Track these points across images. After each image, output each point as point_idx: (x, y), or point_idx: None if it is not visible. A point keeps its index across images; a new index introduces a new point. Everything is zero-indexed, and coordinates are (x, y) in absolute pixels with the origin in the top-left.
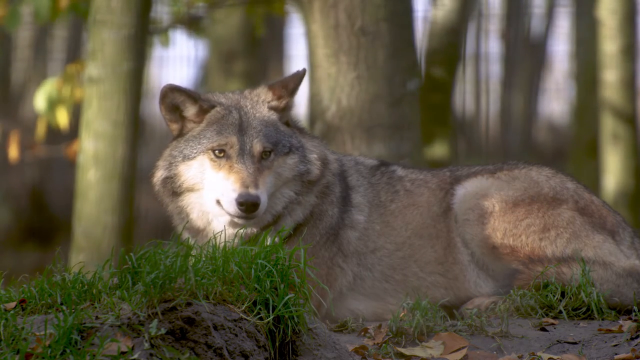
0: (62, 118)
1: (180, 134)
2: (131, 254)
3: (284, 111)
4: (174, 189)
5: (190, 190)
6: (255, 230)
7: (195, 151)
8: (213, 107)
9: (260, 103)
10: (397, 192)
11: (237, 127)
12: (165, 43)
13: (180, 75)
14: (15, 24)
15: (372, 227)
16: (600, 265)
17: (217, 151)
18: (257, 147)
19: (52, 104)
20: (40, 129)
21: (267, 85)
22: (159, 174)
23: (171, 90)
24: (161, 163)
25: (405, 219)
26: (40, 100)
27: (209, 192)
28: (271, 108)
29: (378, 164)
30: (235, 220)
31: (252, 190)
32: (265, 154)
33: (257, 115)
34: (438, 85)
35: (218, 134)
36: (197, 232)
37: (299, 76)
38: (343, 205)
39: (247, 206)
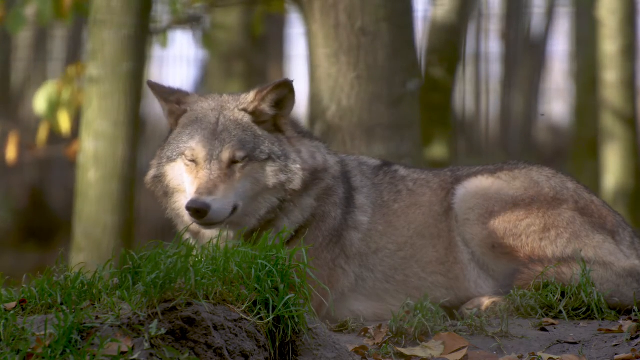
0: (64, 122)
1: (170, 133)
2: (132, 253)
3: (254, 115)
4: (164, 188)
5: (178, 190)
6: (232, 234)
7: (175, 154)
8: (185, 111)
9: (242, 107)
10: (399, 192)
11: (210, 131)
12: (164, 43)
13: (180, 75)
14: (19, 27)
15: (375, 227)
16: (601, 265)
17: (188, 156)
18: (226, 153)
19: (53, 107)
20: (42, 134)
21: (255, 89)
22: (151, 173)
23: (149, 86)
24: (154, 162)
25: (408, 219)
26: (40, 102)
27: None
28: (244, 110)
29: (381, 164)
30: (196, 225)
31: (203, 197)
32: (237, 159)
33: (233, 119)
34: (438, 85)
35: (191, 138)
36: (195, 233)
37: (275, 84)
38: (346, 206)
39: (193, 212)
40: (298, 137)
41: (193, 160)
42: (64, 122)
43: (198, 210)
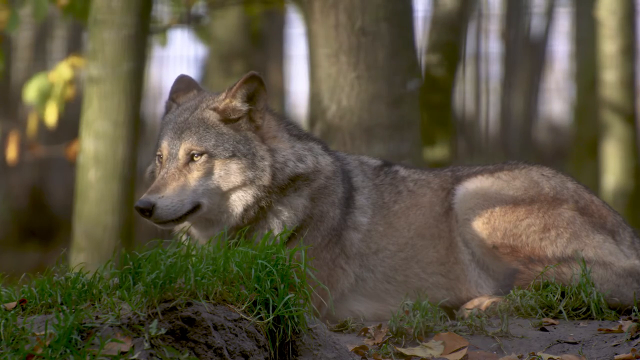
0: (51, 114)
1: None
2: (134, 252)
3: (223, 113)
4: None
5: None
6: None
7: (156, 151)
8: (170, 108)
9: (212, 106)
10: (400, 192)
11: (175, 130)
12: (163, 42)
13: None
14: (14, 26)
15: (375, 228)
16: (600, 265)
17: (158, 156)
18: (182, 150)
19: (43, 97)
20: (32, 124)
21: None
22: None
23: (179, 79)
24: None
25: (408, 220)
26: (31, 92)
27: None
28: (214, 109)
29: (381, 164)
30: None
31: (149, 196)
32: (194, 156)
33: (200, 117)
34: (438, 85)
35: (161, 138)
36: (187, 232)
37: (244, 79)
38: (346, 207)
39: (139, 211)
40: (284, 137)
41: (160, 160)
42: (51, 114)
43: (143, 210)
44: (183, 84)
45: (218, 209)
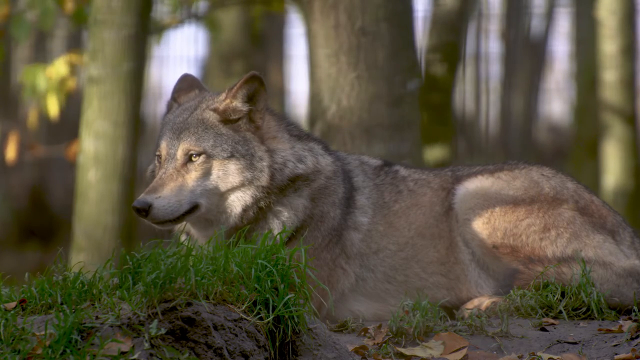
0: (53, 106)
1: None
2: (133, 253)
3: (223, 114)
4: None
5: None
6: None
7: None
8: (170, 108)
9: (212, 107)
10: (400, 192)
11: (174, 131)
12: (158, 41)
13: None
14: (24, 35)
15: (375, 228)
16: (600, 265)
17: (157, 156)
18: (180, 150)
19: (36, 88)
20: (32, 119)
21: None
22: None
23: (183, 78)
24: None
25: (409, 219)
26: (25, 82)
27: None
28: (214, 110)
29: (381, 164)
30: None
31: (147, 196)
32: (192, 157)
33: (200, 118)
34: (438, 85)
35: (160, 138)
36: (187, 232)
37: (244, 79)
38: (346, 207)
39: (136, 211)
40: (284, 137)
41: (159, 160)
42: (53, 107)
43: (139, 210)
44: (185, 84)
45: (217, 210)
